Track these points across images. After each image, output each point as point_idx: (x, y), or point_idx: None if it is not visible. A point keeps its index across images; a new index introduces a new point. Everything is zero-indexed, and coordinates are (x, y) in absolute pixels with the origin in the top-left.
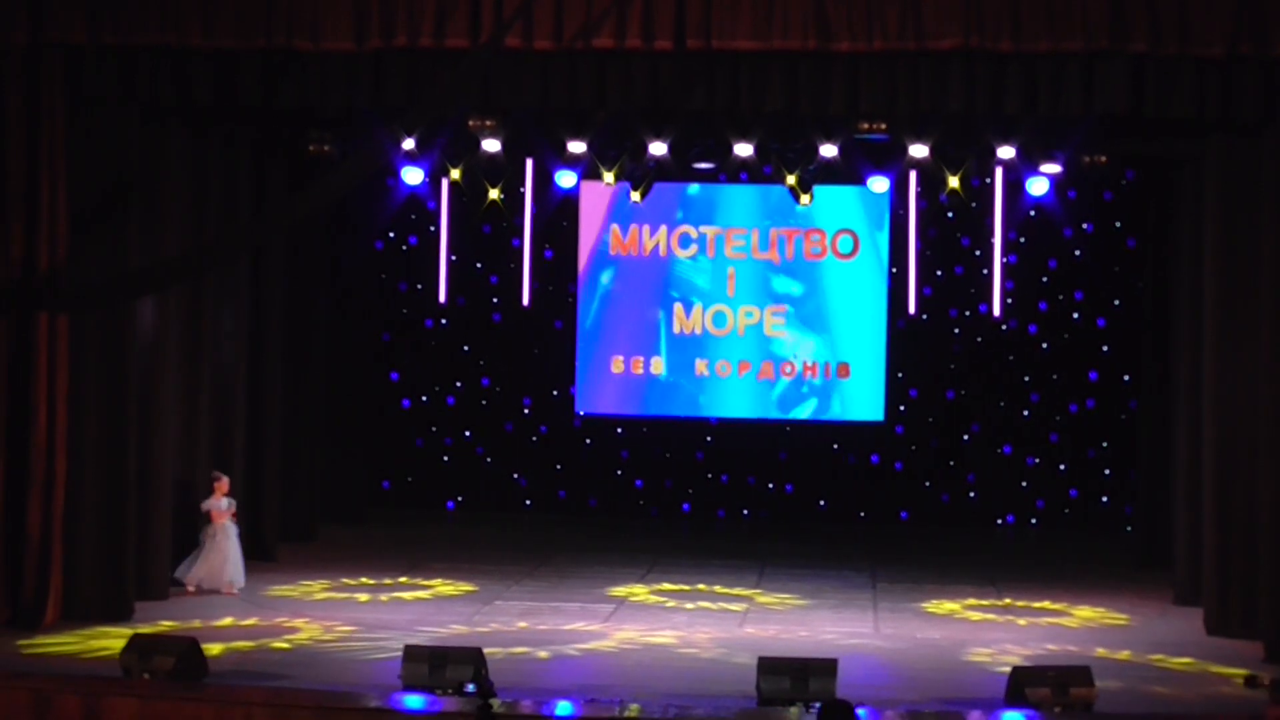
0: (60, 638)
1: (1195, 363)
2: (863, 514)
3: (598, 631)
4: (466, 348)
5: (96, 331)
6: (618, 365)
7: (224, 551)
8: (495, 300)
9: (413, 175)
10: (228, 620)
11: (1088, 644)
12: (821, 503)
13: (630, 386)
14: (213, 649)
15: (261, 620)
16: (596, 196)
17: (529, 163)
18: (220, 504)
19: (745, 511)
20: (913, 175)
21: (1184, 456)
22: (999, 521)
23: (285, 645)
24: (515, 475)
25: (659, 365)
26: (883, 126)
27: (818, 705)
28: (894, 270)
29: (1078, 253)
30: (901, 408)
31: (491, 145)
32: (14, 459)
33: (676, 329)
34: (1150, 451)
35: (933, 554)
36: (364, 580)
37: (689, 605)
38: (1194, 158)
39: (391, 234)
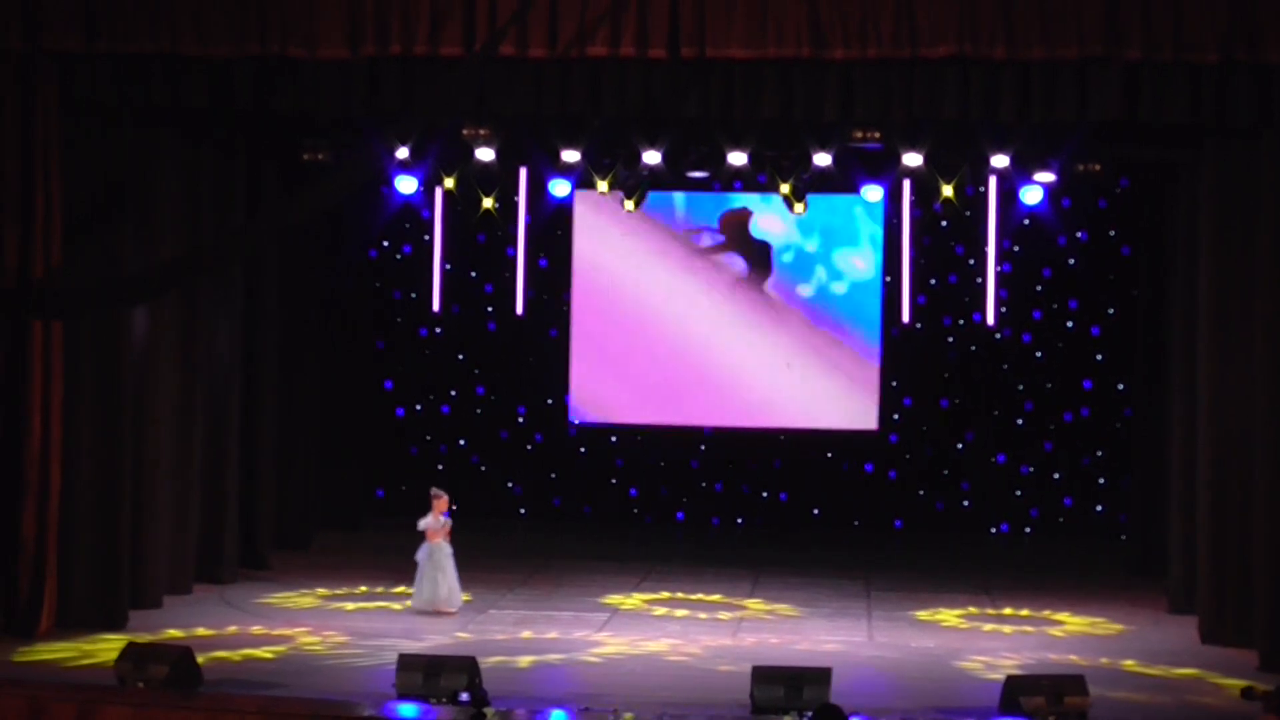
0: (55, 646)
1: (1190, 370)
2: (857, 522)
3: (592, 640)
4: (461, 356)
5: (91, 338)
6: (611, 373)
7: (440, 572)
8: (489, 309)
9: (406, 184)
10: (222, 629)
11: (1082, 652)
12: (815, 511)
13: (624, 395)
14: (207, 657)
15: (256, 629)
16: (590, 205)
17: (523, 171)
18: (436, 523)
19: (739, 520)
20: (907, 183)
21: (1178, 464)
22: (993, 530)
23: (279, 654)
24: (510, 483)
25: (653, 373)
26: (877, 134)
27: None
28: (888, 278)
29: (1072, 261)
30: (895, 416)
31: (485, 154)
32: (8, 467)
33: (670, 337)
34: (1145, 460)
35: (927, 562)
36: (358, 589)
37: (683, 614)
38: (1189, 164)
39: (385, 243)
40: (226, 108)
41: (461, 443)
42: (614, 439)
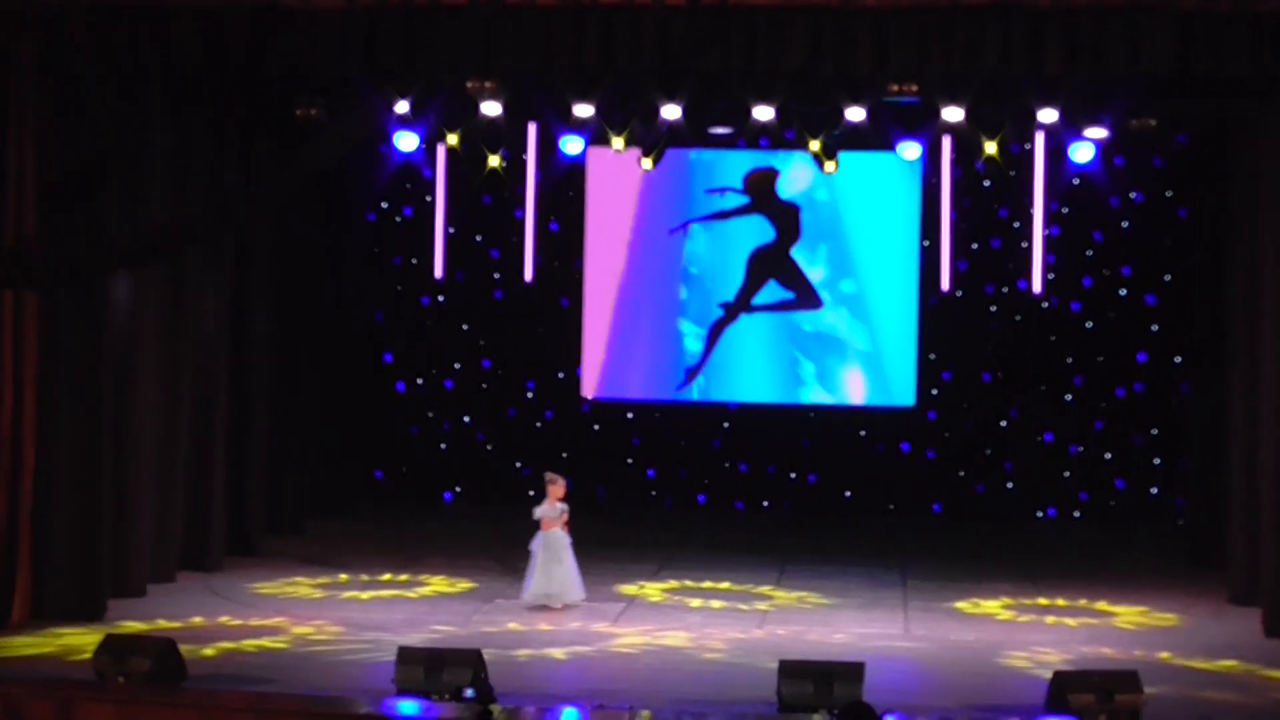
0: (29, 639)
1: (1252, 343)
2: (892, 506)
3: (606, 632)
4: (465, 327)
5: (68, 310)
6: (628, 345)
7: (555, 563)
8: (496, 276)
9: (407, 141)
10: (209, 620)
11: (1135, 646)
12: (847, 494)
13: (641, 368)
14: (192, 650)
15: (245, 620)
16: (604, 164)
17: (532, 128)
18: (552, 510)
19: (765, 503)
20: (946, 141)
21: (1240, 444)
22: (1039, 514)
23: (270, 646)
24: (518, 464)
25: (672, 345)
26: (914, 88)
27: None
28: (926, 243)
29: (1125, 224)
30: (934, 391)
31: (492, 109)
32: None
33: (691, 306)
34: (1203, 438)
35: (967, 549)
36: (355, 577)
37: (704, 604)
38: (1252, 119)
39: (384, 205)
40: (218, 63)
41: (466, 420)
42: (630, 416)
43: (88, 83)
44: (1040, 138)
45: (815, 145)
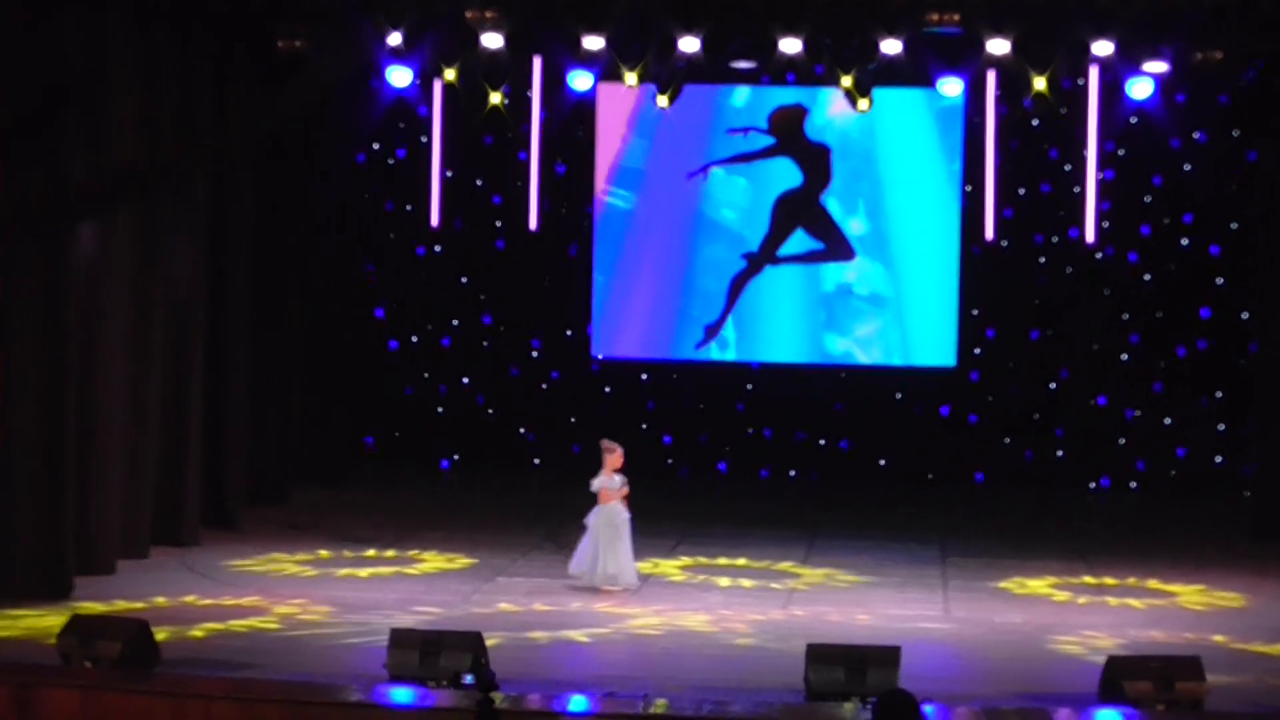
0: None
1: None
2: (930, 475)
3: (618, 613)
4: (464, 279)
5: (28, 262)
6: (642, 300)
7: (608, 541)
8: (498, 224)
9: (400, 76)
10: (183, 599)
11: (1196, 629)
12: (882, 462)
13: (656, 325)
14: (166, 632)
15: (223, 599)
16: (617, 101)
17: (537, 61)
18: (611, 482)
19: (792, 472)
20: (991, 76)
21: None
22: (1091, 485)
23: (252, 628)
24: (521, 429)
25: (690, 299)
26: (955, 17)
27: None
28: (968, 189)
29: (1187, 167)
30: (977, 350)
31: (493, 41)
32: None
33: (711, 258)
34: (1272, 401)
35: (1013, 522)
36: (343, 553)
37: (726, 582)
38: None
39: (376, 146)
40: None
41: (465, 381)
42: (644, 377)
43: (44, 4)
44: (1094, 72)
45: (847, 81)
